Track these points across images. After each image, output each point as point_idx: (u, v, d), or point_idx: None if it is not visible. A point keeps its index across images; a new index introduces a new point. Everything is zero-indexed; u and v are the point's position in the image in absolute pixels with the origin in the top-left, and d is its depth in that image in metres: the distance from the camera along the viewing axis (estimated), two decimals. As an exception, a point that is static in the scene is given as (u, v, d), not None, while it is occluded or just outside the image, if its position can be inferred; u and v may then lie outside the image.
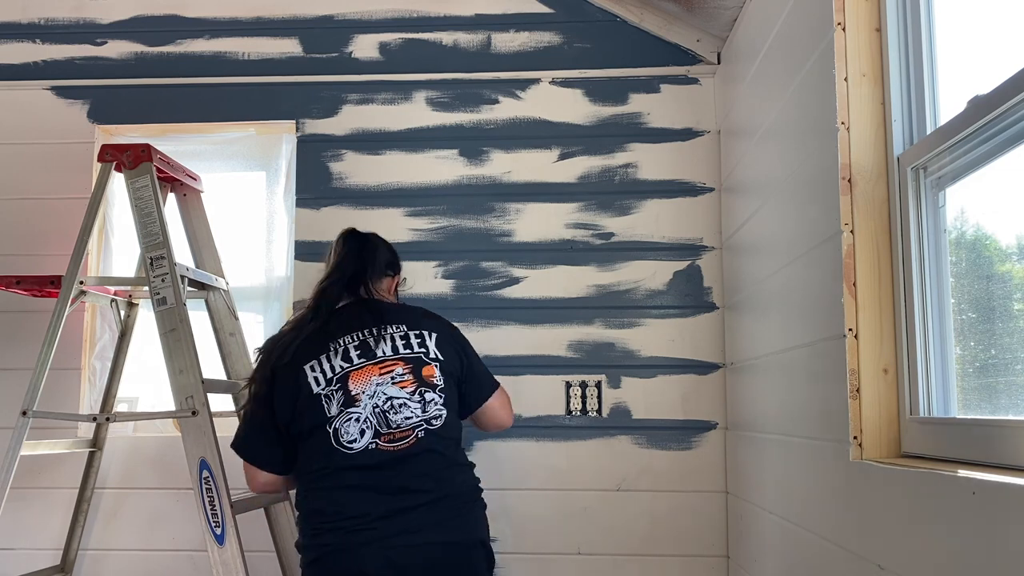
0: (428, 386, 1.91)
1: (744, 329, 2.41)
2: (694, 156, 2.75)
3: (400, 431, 1.86)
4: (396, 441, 1.85)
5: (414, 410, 1.88)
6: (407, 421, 1.87)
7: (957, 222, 1.49)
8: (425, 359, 1.94)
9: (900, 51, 1.61)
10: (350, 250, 2.09)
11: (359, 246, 2.11)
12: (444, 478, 1.87)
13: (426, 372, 1.93)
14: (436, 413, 1.90)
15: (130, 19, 2.92)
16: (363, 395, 1.88)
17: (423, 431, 1.87)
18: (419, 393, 1.89)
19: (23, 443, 2.19)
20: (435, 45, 2.85)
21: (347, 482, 1.84)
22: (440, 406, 1.92)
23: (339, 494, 1.84)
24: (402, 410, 1.87)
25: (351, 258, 2.07)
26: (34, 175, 2.85)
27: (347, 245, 2.10)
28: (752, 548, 2.31)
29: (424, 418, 1.88)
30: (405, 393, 1.88)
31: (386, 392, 1.88)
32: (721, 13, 2.54)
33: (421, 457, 1.86)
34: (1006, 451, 1.22)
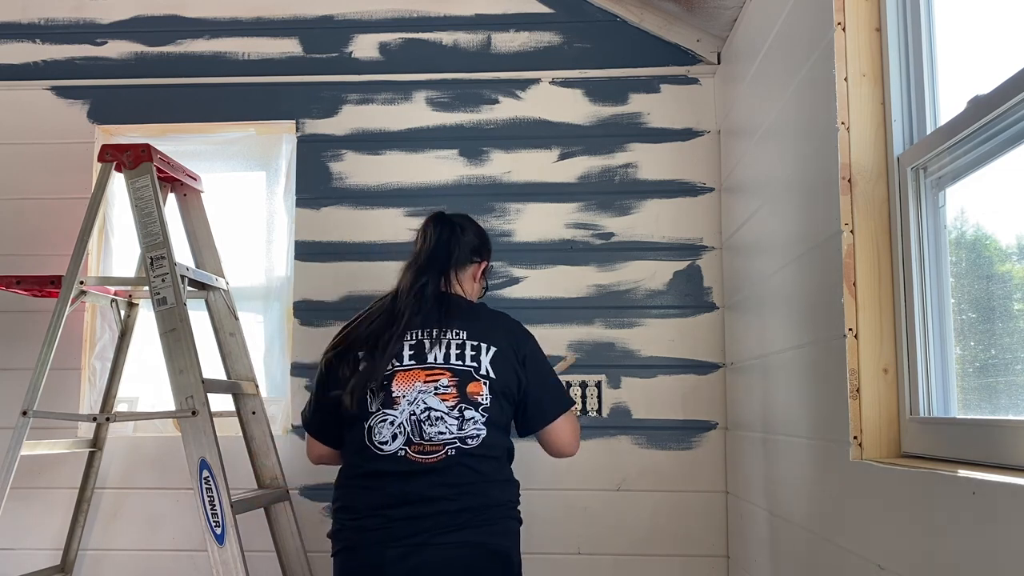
0: (470, 403, 1.83)
1: (744, 329, 2.41)
2: (694, 156, 2.75)
3: (431, 444, 1.81)
4: (426, 454, 1.81)
5: (449, 426, 1.81)
6: (440, 436, 1.81)
7: (957, 222, 1.49)
8: (475, 375, 1.85)
9: (900, 51, 1.61)
10: (433, 237, 1.99)
11: (444, 232, 1.99)
12: (470, 492, 1.81)
13: (471, 388, 1.84)
14: (473, 432, 1.82)
15: (130, 19, 2.92)
16: (403, 399, 1.84)
17: (455, 449, 1.81)
18: (459, 409, 1.83)
19: (23, 443, 2.19)
20: (435, 45, 2.85)
21: (373, 484, 1.83)
22: (480, 425, 1.83)
23: (365, 494, 1.83)
24: (438, 424, 1.82)
25: (433, 246, 1.98)
26: (34, 175, 2.85)
27: (431, 231, 2.00)
28: (752, 548, 2.31)
29: (459, 436, 1.81)
30: (445, 407, 1.83)
31: (426, 401, 1.83)
32: (721, 13, 2.54)
33: (451, 470, 1.81)
34: (1006, 451, 1.22)
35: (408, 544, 1.77)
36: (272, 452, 2.53)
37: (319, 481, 2.68)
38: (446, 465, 1.80)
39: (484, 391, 1.84)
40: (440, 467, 1.80)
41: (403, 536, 1.78)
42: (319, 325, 2.75)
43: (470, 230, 2.06)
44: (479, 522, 1.79)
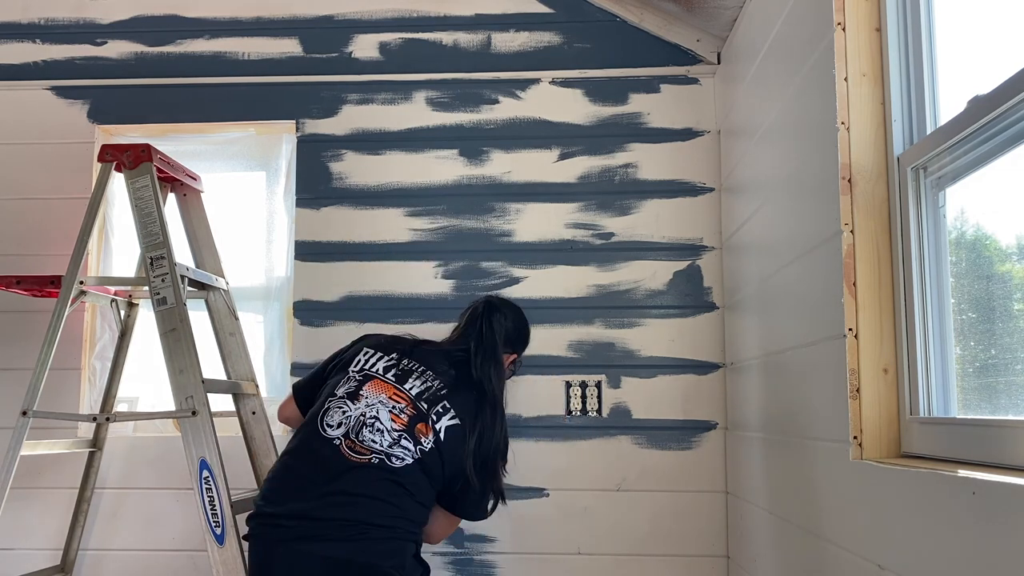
0: (412, 438, 1.91)
1: (744, 329, 2.41)
2: (694, 156, 2.75)
3: (362, 447, 1.89)
4: (355, 453, 1.89)
5: (384, 440, 1.90)
6: (372, 443, 1.90)
7: (957, 222, 1.49)
8: (428, 422, 1.94)
9: (900, 51, 1.61)
10: (478, 322, 2.11)
11: (488, 318, 2.11)
12: (367, 506, 1.85)
13: (420, 427, 1.93)
14: (401, 455, 1.89)
15: (130, 19, 2.92)
16: (363, 400, 1.95)
17: (379, 459, 1.88)
18: (400, 435, 1.92)
19: (23, 443, 2.19)
20: (435, 45, 2.85)
21: (303, 458, 1.92)
22: (408, 457, 1.89)
23: (290, 468, 1.91)
24: (376, 434, 1.91)
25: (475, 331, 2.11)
26: (34, 175, 2.85)
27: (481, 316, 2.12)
28: (752, 548, 2.31)
29: (386, 452, 1.89)
30: (390, 425, 1.92)
31: (378, 413, 1.93)
32: (721, 13, 2.54)
33: (368, 475, 1.87)
34: (1006, 451, 1.22)
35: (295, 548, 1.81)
36: (272, 452, 2.53)
37: (319, 481, 2.68)
38: (365, 468, 1.87)
39: (429, 440, 1.92)
40: (357, 467, 1.87)
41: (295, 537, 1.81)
42: (319, 325, 2.75)
43: (511, 321, 2.17)
44: (357, 537, 1.82)
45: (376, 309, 2.75)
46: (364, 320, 2.74)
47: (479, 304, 2.16)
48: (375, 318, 2.74)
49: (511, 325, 2.16)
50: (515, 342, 2.19)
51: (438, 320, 2.72)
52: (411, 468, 1.90)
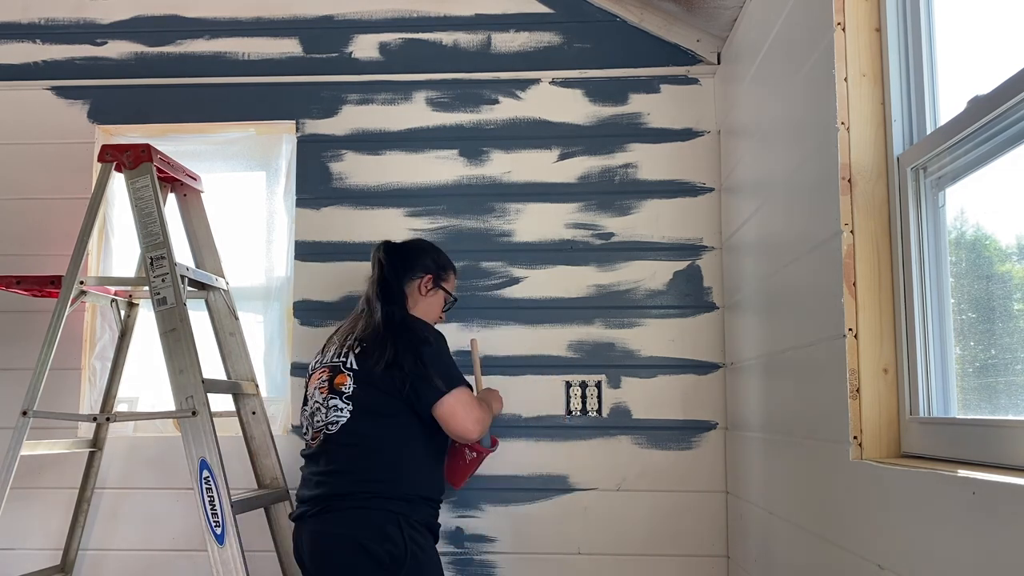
0: (336, 393, 2.09)
1: (744, 329, 2.41)
2: (694, 156, 2.75)
3: (314, 431, 2.13)
4: (314, 439, 2.13)
5: (322, 415, 2.11)
6: (317, 424, 2.12)
7: (957, 222, 1.49)
8: (342, 368, 2.11)
9: (900, 51, 1.61)
10: (374, 269, 2.26)
11: (381, 261, 2.25)
12: (331, 482, 2.06)
13: (337, 380, 2.10)
14: (333, 419, 2.07)
15: (130, 19, 2.92)
16: (310, 397, 2.19)
17: (324, 435, 2.10)
18: (327, 400, 2.10)
19: (23, 443, 2.19)
20: (435, 45, 2.85)
21: (302, 466, 2.19)
22: (340, 413, 2.06)
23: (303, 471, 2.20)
24: (317, 414, 2.13)
25: (373, 272, 2.26)
26: (34, 175, 2.85)
27: (373, 262, 2.27)
28: (752, 548, 2.31)
29: (325, 422, 2.09)
30: (320, 398, 2.13)
31: (314, 396, 2.16)
32: (721, 13, 2.54)
33: (324, 456, 2.09)
34: (1006, 451, 1.22)
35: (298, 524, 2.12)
36: (272, 452, 2.53)
37: (319, 481, 2.68)
38: (319, 451, 2.10)
39: (348, 382, 2.08)
40: (316, 452, 2.11)
41: (297, 517, 2.12)
42: (319, 325, 2.75)
43: (410, 253, 2.30)
44: (331, 509, 2.04)
45: (376, 309, 2.74)
46: (364, 320, 2.73)
47: (373, 255, 2.29)
48: (375, 318, 2.74)
49: (395, 258, 2.25)
50: (414, 268, 2.27)
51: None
52: (351, 422, 2.06)
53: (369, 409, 2.06)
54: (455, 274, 2.39)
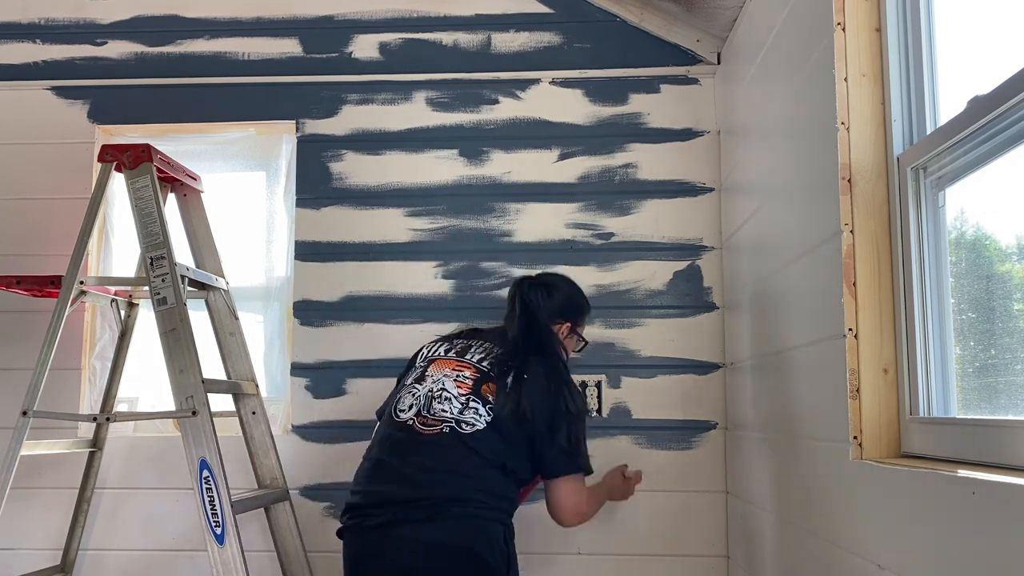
0: (480, 399, 1.97)
1: (744, 329, 2.41)
2: (694, 156, 2.75)
3: (433, 418, 1.96)
4: (428, 426, 1.96)
5: (454, 407, 1.96)
6: (442, 413, 1.96)
7: (957, 222, 1.49)
8: (494, 379, 2.00)
9: (900, 51, 1.61)
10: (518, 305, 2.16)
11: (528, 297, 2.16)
12: (444, 481, 1.90)
13: (486, 388, 1.99)
14: (471, 420, 1.94)
15: (130, 19, 2.92)
16: (430, 379, 2.04)
17: (449, 428, 1.94)
18: (467, 398, 1.97)
19: (23, 443, 2.19)
20: (435, 45, 2.85)
21: (382, 446, 2.00)
22: (480, 418, 1.94)
23: (371, 459, 2.00)
24: (446, 403, 1.97)
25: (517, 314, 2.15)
26: (34, 175, 2.85)
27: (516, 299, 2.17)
28: (752, 548, 2.31)
29: (456, 418, 1.95)
30: (456, 392, 1.99)
31: (444, 384, 2.01)
32: (721, 13, 2.54)
33: (440, 448, 1.92)
34: (1006, 451, 1.22)
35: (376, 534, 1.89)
36: (272, 452, 2.53)
37: (319, 481, 2.68)
38: (436, 440, 1.92)
39: (498, 396, 1.97)
40: (429, 440, 1.93)
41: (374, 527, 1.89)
42: (319, 325, 2.75)
43: (560, 292, 2.21)
44: (436, 517, 1.86)
45: (376, 309, 2.75)
46: (364, 320, 2.74)
47: (512, 286, 2.22)
48: (375, 318, 2.74)
49: (546, 295, 2.17)
50: (561, 311, 2.18)
51: (438, 320, 2.72)
52: (484, 433, 1.93)
53: (502, 433, 1.95)
54: (590, 310, 2.31)
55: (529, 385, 1.99)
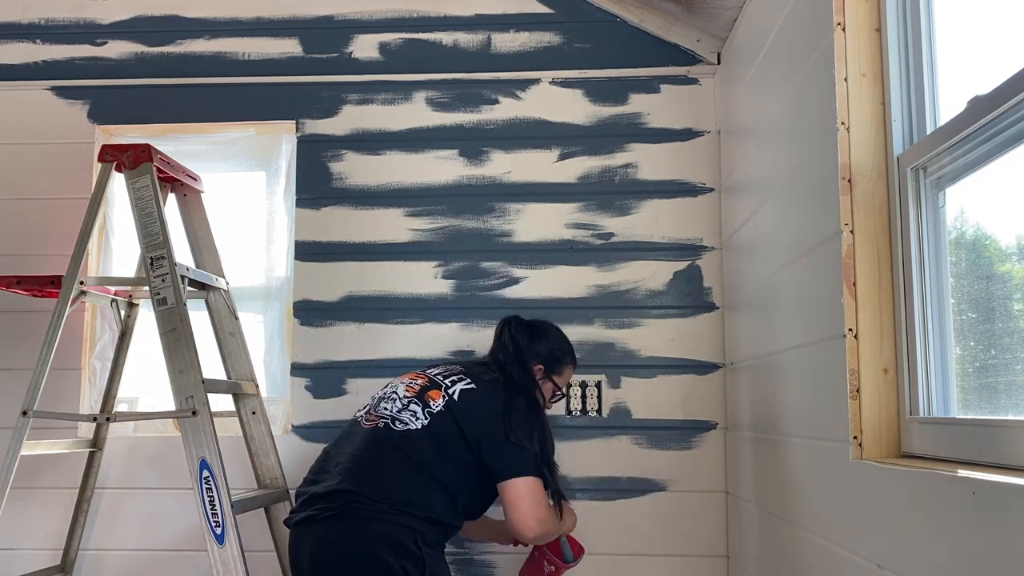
0: (422, 402, 2.04)
1: (744, 329, 2.41)
2: (694, 156, 2.75)
3: (375, 415, 2.07)
4: (369, 421, 2.08)
5: (392, 407, 2.06)
6: (383, 411, 2.07)
7: (957, 222, 1.49)
8: (441, 387, 2.07)
9: (900, 51, 1.61)
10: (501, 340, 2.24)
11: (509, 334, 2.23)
12: (365, 480, 1.94)
13: (431, 394, 2.06)
14: (406, 420, 2.01)
15: (130, 19, 2.92)
16: (388, 388, 2.16)
17: (384, 423, 2.03)
18: (409, 400, 2.06)
19: (23, 443, 2.19)
20: (435, 45, 2.85)
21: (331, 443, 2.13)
22: (416, 420, 2.00)
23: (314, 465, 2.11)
24: (389, 403, 2.09)
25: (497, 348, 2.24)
26: (34, 175, 2.85)
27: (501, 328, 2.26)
28: (752, 548, 2.31)
29: (393, 416, 2.04)
30: (403, 394, 2.09)
31: (396, 388, 2.13)
32: (721, 13, 2.54)
33: (374, 442, 2.00)
34: (1006, 451, 1.22)
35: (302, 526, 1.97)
36: (272, 452, 2.53)
37: (319, 481, 2.68)
38: (373, 434, 2.02)
39: (440, 401, 2.03)
40: (360, 434, 2.04)
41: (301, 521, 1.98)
42: (319, 325, 2.75)
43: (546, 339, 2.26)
44: (351, 515, 1.90)
45: (376, 309, 2.75)
46: (364, 320, 2.74)
47: (500, 322, 2.30)
48: (375, 318, 2.74)
49: (530, 336, 2.23)
50: (539, 354, 2.23)
51: (438, 320, 2.72)
52: (417, 434, 1.99)
53: (441, 437, 1.98)
54: (574, 365, 2.33)
55: (475, 391, 2.05)
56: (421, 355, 2.70)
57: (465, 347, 2.69)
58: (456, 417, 2.00)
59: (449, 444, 1.99)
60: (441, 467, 1.98)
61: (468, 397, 2.04)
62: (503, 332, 2.24)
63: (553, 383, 2.26)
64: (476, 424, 2.00)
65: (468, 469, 2.01)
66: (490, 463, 2.00)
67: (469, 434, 1.99)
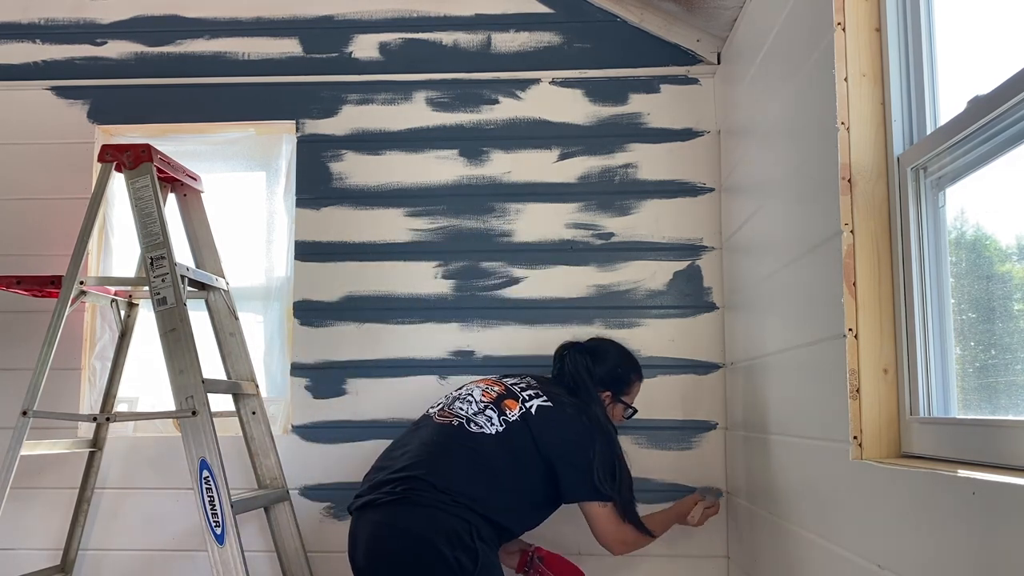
0: (498, 410, 2.06)
1: (744, 329, 2.41)
2: (694, 156, 2.75)
3: (450, 412, 2.10)
4: (443, 416, 2.10)
5: (470, 408, 2.09)
6: (459, 410, 2.10)
7: (957, 222, 1.49)
8: (517, 399, 2.11)
9: (900, 51, 1.61)
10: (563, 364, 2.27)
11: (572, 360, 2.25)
12: (436, 469, 1.96)
13: (508, 403, 2.10)
14: (481, 424, 2.04)
15: (130, 19, 2.92)
16: (463, 388, 2.21)
17: (459, 422, 2.06)
18: (486, 405, 2.09)
19: (23, 443, 2.19)
20: (435, 45, 2.85)
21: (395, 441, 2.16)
22: (491, 425, 2.03)
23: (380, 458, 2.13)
24: (464, 403, 2.12)
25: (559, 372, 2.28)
26: (34, 175, 2.85)
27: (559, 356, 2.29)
28: (752, 548, 2.31)
29: (468, 417, 2.07)
30: (479, 398, 2.13)
31: (471, 391, 2.16)
32: (721, 13, 2.54)
33: (446, 436, 2.03)
34: (1006, 451, 1.22)
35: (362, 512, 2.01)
36: (272, 452, 2.53)
37: (319, 481, 2.68)
38: (445, 429, 2.05)
39: (516, 412, 2.06)
40: (439, 427, 2.06)
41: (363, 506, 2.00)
42: (319, 325, 2.75)
43: (606, 361, 2.29)
44: (417, 502, 1.93)
45: (376, 309, 2.75)
46: (364, 320, 2.74)
47: (557, 349, 2.32)
48: (375, 318, 2.74)
49: (587, 363, 2.24)
50: (603, 381, 2.26)
51: (438, 320, 2.72)
52: (488, 439, 2.01)
53: (513, 447, 2.03)
54: (640, 379, 2.36)
55: (552, 410, 2.07)
56: (421, 355, 2.70)
57: (465, 347, 2.69)
58: (532, 431, 2.04)
59: (520, 455, 2.03)
60: (508, 473, 2.02)
61: (546, 414, 2.07)
62: (563, 362, 2.26)
63: (623, 403, 2.31)
64: (554, 443, 2.05)
65: (534, 483, 2.06)
66: (569, 483, 2.06)
67: (544, 450, 2.04)
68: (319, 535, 2.63)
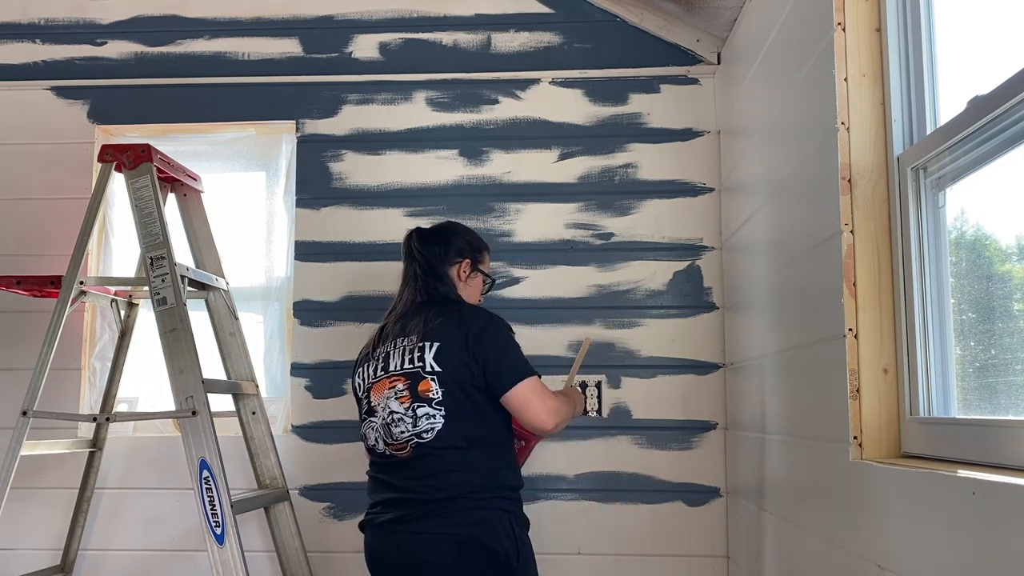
0: (423, 400, 1.99)
1: (744, 329, 2.41)
2: (694, 156, 2.75)
3: (398, 444, 2.00)
4: (398, 450, 2.01)
5: (407, 425, 1.99)
6: (402, 435, 1.99)
7: (957, 222, 1.49)
8: (422, 373, 2.01)
9: (900, 51, 1.61)
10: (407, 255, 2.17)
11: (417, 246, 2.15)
12: (434, 485, 1.96)
13: (422, 387, 2.00)
14: (427, 427, 1.98)
15: (130, 19, 2.92)
16: (379, 407, 2.05)
17: (414, 444, 1.98)
18: (412, 409, 2.00)
19: (23, 443, 2.19)
20: (435, 45, 2.85)
21: (376, 474, 2.08)
22: (434, 419, 1.98)
23: (373, 483, 2.09)
24: (400, 424, 2.01)
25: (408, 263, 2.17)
26: (34, 175, 2.85)
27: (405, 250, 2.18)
28: (752, 548, 2.31)
29: (414, 432, 1.98)
30: (402, 408, 2.01)
31: (390, 407, 2.02)
32: (721, 13, 2.54)
33: (417, 462, 1.98)
34: (1006, 451, 1.22)
35: (388, 530, 1.99)
36: (272, 452, 2.53)
37: (319, 481, 2.68)
38: (413, 457, 1.98)
39: (434, 387, 1.99)
40: (408, 460, 1.99)
41: (386, 523, 1.99)
42: (319, 325, 2.75)
43: (448, 236, 2.18)
44: (444, 512, 1.93)
45: (376, 309, 2.74)
46: (364, 320, 2.74)
47: (404, 241, 2.19)
48: (375, 318, 2.73)
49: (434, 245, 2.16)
50: (457, 252, 2.16)
51: (438, 320, 2.72)
52: (445, 428, 1.97)
53: (461, 411, 2.00)
54: (489, 253, 2.28)
55: (443, 347, 2.01)
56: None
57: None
58: (453, 382, 1.99)
59: (470, 410, 2.00)
60: (481, 433, 2.00)
61: (444, 358, 2.00)
62: (411, 249, 2.16)
63: (482, 273, 2.23)
64: (467, 371, 2.00)
65: (492, 413, 2.02)
66: (497, 378, 2.00)
67: (471, 382, 2.00)
68: (319, 535, 2.63)
